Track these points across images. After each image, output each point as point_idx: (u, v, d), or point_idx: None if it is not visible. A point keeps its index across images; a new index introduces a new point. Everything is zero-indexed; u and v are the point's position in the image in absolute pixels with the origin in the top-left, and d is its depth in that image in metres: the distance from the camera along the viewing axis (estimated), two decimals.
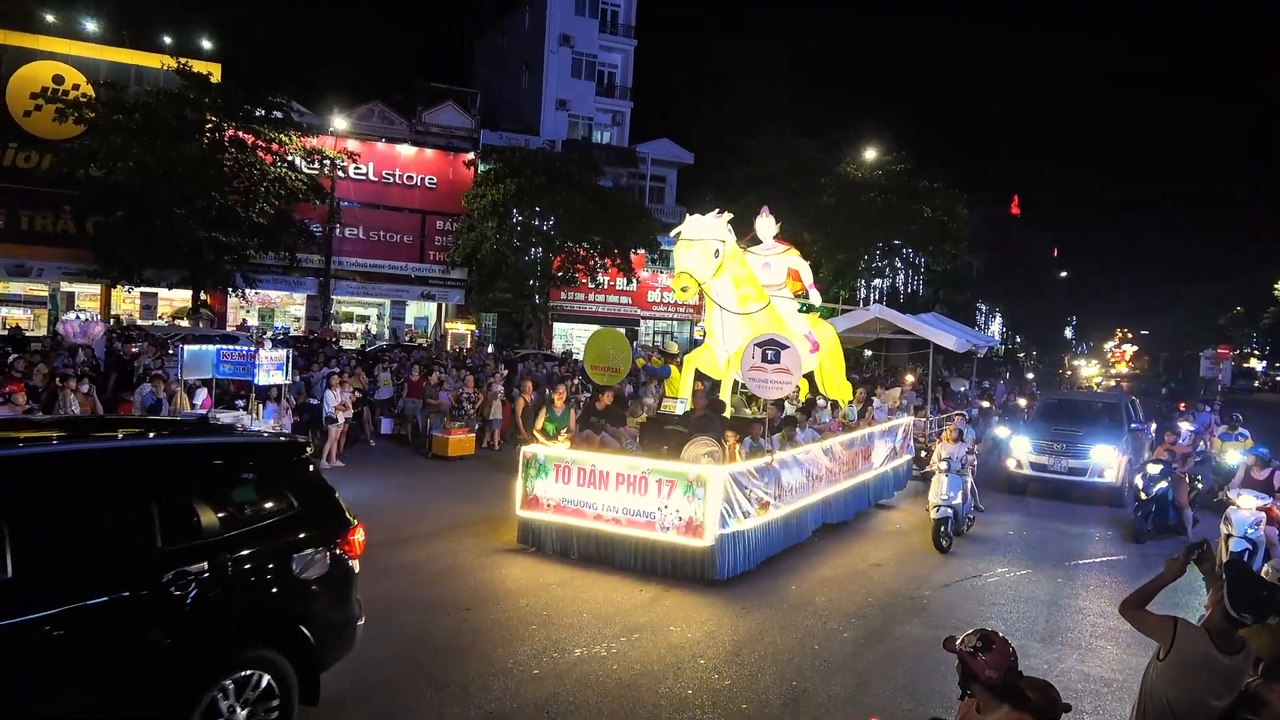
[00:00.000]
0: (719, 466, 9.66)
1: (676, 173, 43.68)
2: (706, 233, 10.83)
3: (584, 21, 41.66)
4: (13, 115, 30.39)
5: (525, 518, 10.44)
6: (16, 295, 32.31)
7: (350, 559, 5.73)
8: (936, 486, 11.66)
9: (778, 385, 10.49)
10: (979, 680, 3.59)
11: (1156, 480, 12.64)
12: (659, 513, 9.54)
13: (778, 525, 10.63)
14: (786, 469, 10.84)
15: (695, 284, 10.79)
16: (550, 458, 10.33)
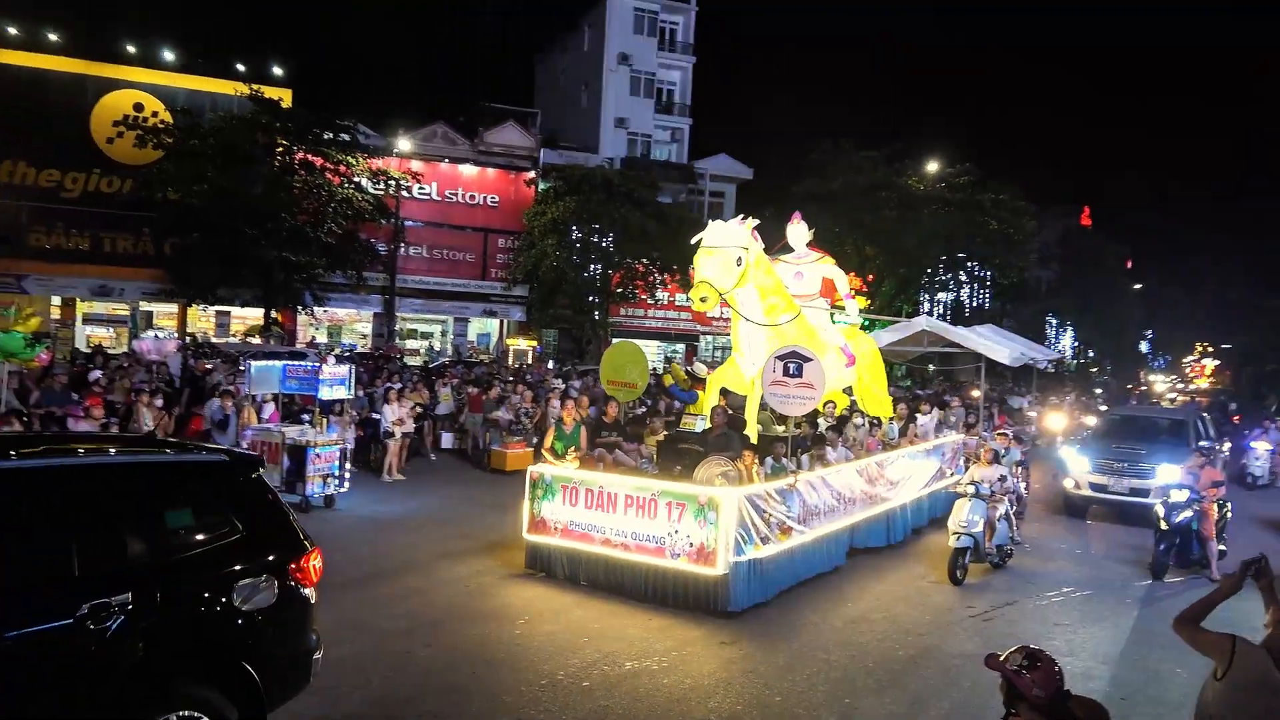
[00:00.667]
0: (733, 489, 8.97)
1: (735, 188, 43.63)
2: (728, 240, 10.28)
3: (642, 40, 42.00)
4: (96, 142, 31.82)
5: (533, 542, 9.93)
6: (100, 314, 33.71)
7: (304, 587, 5.22)
8: (957, 512, 10.73)
9: (800, 401, 9.79)
10: (1025, 699, 3.49)
11: (1180, 509, 11.24)
12: (669, 538, 8.91)
13: (802, 552, 10.02)
14: (813, 490, 10.22)
15: (715, 295, 10.19)
16: (557, 478, 9.74)
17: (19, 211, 31.15)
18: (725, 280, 10.20)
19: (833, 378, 11.99)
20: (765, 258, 10.92)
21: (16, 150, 30.99)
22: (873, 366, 13.73)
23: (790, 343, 10.56)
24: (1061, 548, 13.08)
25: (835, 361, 12.01)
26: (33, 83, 31.16)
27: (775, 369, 9.84)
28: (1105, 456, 15.34)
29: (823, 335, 12.09)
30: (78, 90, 31.85)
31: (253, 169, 27.92)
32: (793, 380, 9.72)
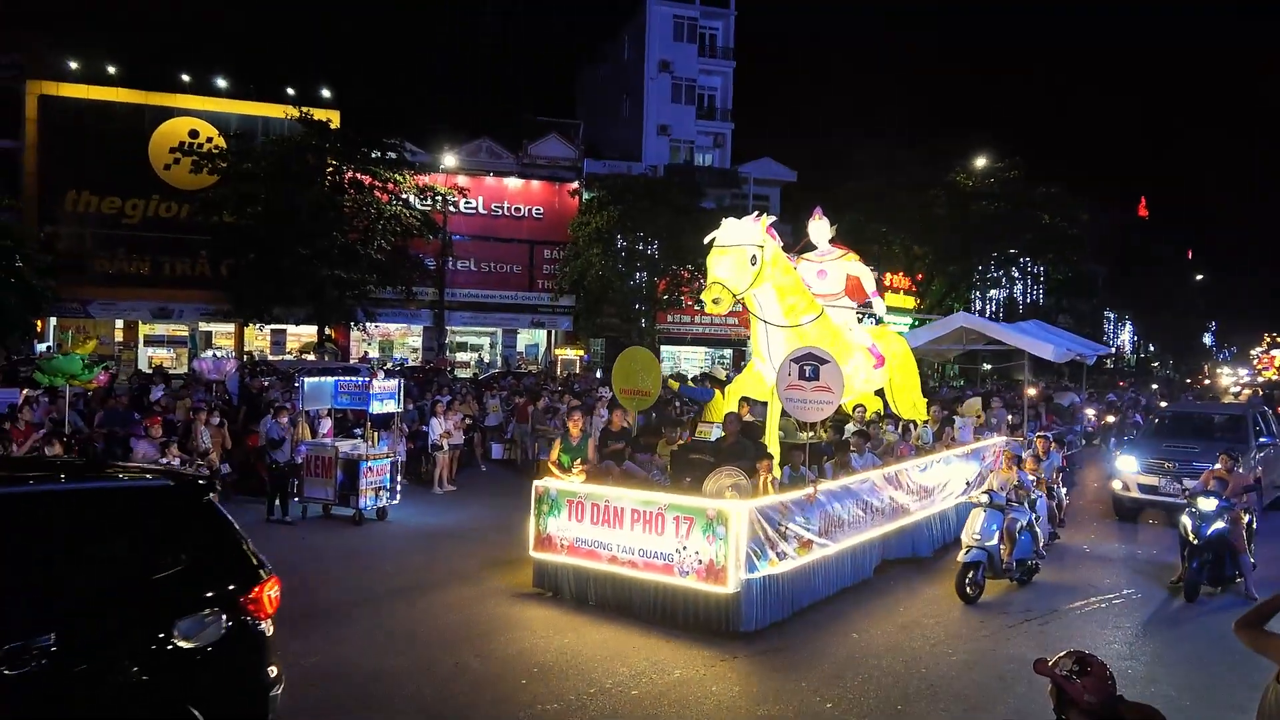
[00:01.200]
0: (743, 501, 8.37)
1: (779, 191, 43.44)
2: (742, 238, 9.75)
3: (682, 47, 42.06)
4: (155, 169, 32.83)
5: (540, 560, 9.45)
6: (161, 336, 34.72)
7: (258, 620, 4.79)
8: (970, 523, 9.83)
9: (818, 406, 9.18)
10: (1077, 706, 3.41)
11: (1211, 519, 9.97)
12: (677, 554, 8.40)
13: (823, 567, 9.44)
14: (836, 501, 9.63)
15: (729, 296, 9.62)
16: (563, 493, 9.24)
17: (84, 238, 32.26)
18: (740, 280, 9.71)
19: (861, 380, 11.64)
20: (783, 255, 10.38)
21: (80, 179, 32.13)
22: (904, 367, 13.16)
23: (812, 344, 10.05)
24: (1101, 555, 12.19)
25: (863, 363, 11.60)
26: (94, 114, 32.29)
27: (791, 372, 9.32)
28: (1155, 456, 14.49)
29: (848, 335, 11.57)
30: (136, 119, 32.90)
31: (304, 190, 28.54)
32: (809, 384, 9.17)
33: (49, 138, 32.07)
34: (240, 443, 15.13)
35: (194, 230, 31.36)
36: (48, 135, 32.07)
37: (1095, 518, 14.84)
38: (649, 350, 12.87)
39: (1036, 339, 15.96)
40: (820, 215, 12.37)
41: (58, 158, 31.91)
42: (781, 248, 10.42)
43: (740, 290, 9.75)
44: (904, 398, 13.09)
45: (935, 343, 17.17)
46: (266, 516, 13.07)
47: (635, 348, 13.19)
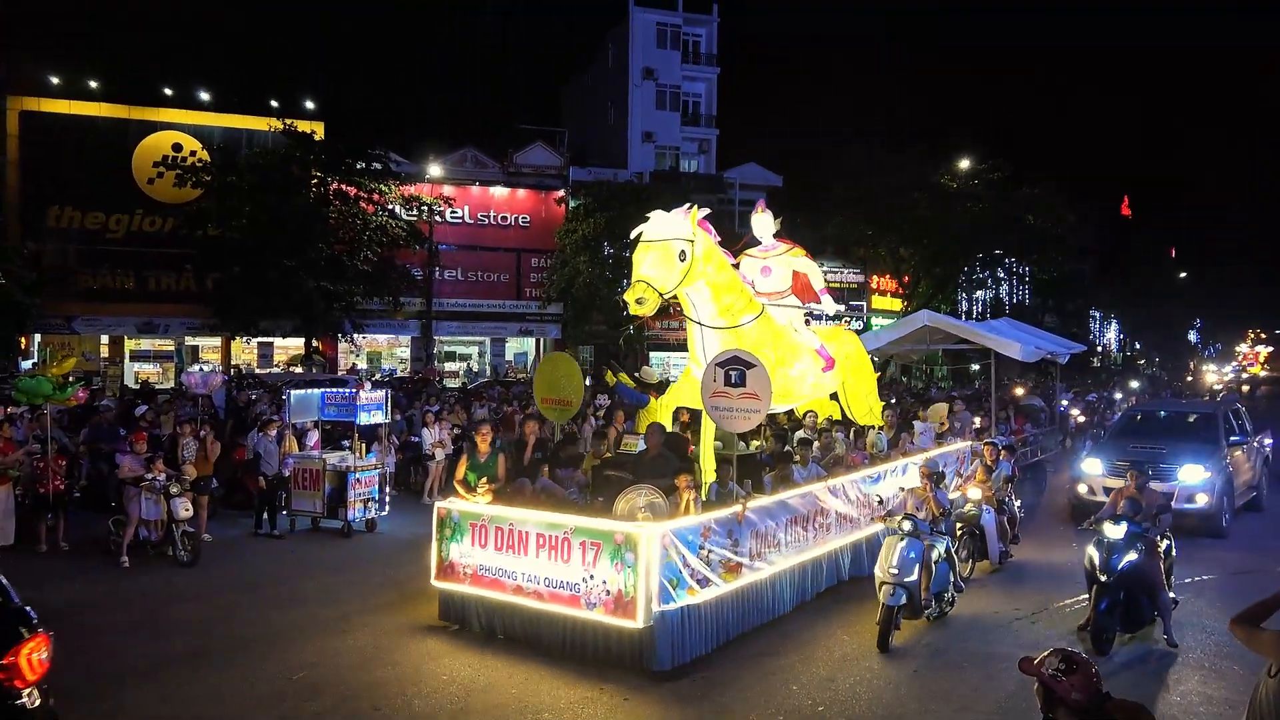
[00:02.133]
0: (656, 523, 7.48)
1: (765, 196, 43.55)
2: (669, 232, 8.91)
3: (666, 54, 42.19)
4: (138, 183, 32.66)
5: (444, 590, 8.62)
6: (146, 350, 34.50)
7: (17, 688, 4.14)
8: (885, 555, 8.39)
9: (744, 415, 8.31)
10: (1064, 704, 3.42)
11: (1122, 550, 8.14)
12: (584, 584, 7.55)
13: (757, 592, 8.60)
14: (771, 518, 8.77)
15: (655, 295, 8.71)
16: (466, 515, 8.39)
17: (67, 254, 32.05)
18: (667, 278, 8.81)
19: (809, 384, 11.01)
20: (718, 251, 9.60)
21: (63, 195, 31.93)
22: (858, 369, 12.36)
23: (751, 346, 9.33)
24: (1055, 573, 10.83)
25: (811, 365, 10.86)
26: (76, 129, 32.11)
27: (716, 377, 8.39)
28: (1121, 457, 13.59)
29: (794, 337, 10.86)
30: (118, 134, 32.74)
31: (289, 202, 28.44)
32: (735, 390, 8.26)
33: (31, 153, 31.85)
34: (227, 456, 15.03)
35: (179, 244, 31.17)
36: (29, 151, 31.85)
37: (1051, 525, 14.10)
38: (571, 357, 12.08)
39: (1004, 337, 15.14)
40: (764, 208, 11.53)
41: (40, 173, 31.69)
42: (719, 243, 9.68)
43: (668, 289, 8.87)
44: (859, 402, 12.37)
45: (898, 343, 16.39)
46: (255, 530, 13.00)
47: (557, 354, 12.16)
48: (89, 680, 7.13)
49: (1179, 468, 13.15)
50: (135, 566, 10.87)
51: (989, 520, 10.55)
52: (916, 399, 20.87)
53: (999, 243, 39.27)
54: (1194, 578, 10.69)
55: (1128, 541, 8.19)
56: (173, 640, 8.26)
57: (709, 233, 9.42)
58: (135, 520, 11.09)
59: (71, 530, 11.88)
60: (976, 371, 33.54)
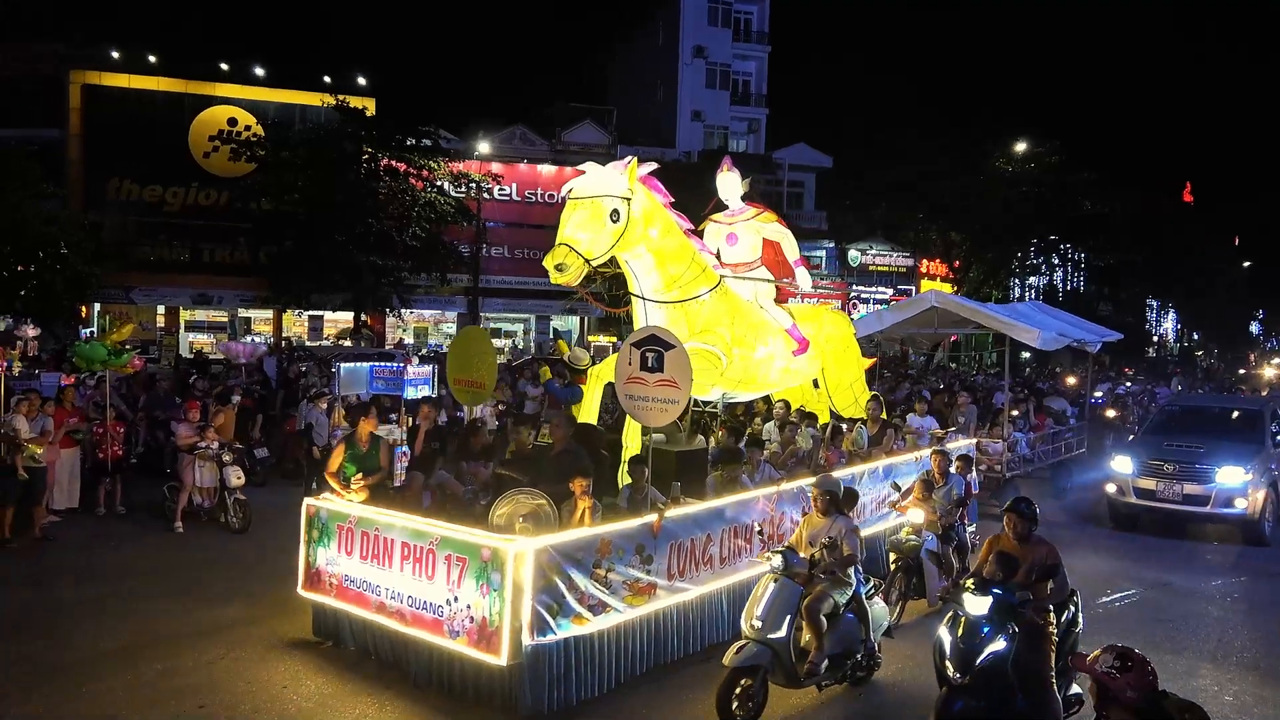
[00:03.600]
0: (530, 538, 6.20)
1: (815, 177, 43.06)
2: (600, 188, 7.69)
3: (717, 32, 41.79)
4: (194, 157, 33.28)
5: (313, 601, 7.51)
6: (201, 321, 35.30)
7: None
8: (752, 603, 6.31)
9: (661, 406, 6.93)
10: (1119, 702, 3.35)
11: (987, 636, 5.54)
12: (448, 607, 6.32)
13: (680, 617, 7.25)
14: (700, 529, 7.31)
15: (579, 262, 7.50)
16: (334, 516, 7.30)
17: (126, 226, 32.81)
18: (595, 241, 7.60)
19: (776, 370, 9.75)
20: (665, 212, 8.34)
21: (122, 168, 32.66)
22: (840, 353, 10.92)
23: (704, 325, 8.33)
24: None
25: (781, 348, 9.71)
26: (135, 103, 32.76)
27: (631, 360, 7.02)
28: (1155, 456, 12.67)
29: (759, 315, 9.60)
30: (176, 108, 33.35)
31: (340, 177, 28.77)
32: (652, 376, 6.93)
33: (92, 127, 32.60)
34: (278, 427, 15.34)
35: (233, 218, 31.84)
36: (90, 124, 32.60)
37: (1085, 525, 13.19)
38: (484, 331, 10.65)
39: (1021, 321, 13.52)
40: (730, 166, 10.00)
41: (100, 147, 32.44)
42: (671, 205, 8.47)
43: (596, 254, 7.65)
44: (842, 392, 10.96)
45: (902, 325, 14.96)
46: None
47: (471, 328, 10.56)
48: (131, 644, 7.35)
49: (1217, 469, 12.18)
50: (188, 531, 11.16)
51: (931, 544, 8.61)
52: (965, 387, 20.39)
53: (1054, 227, 38.42)
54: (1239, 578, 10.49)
55: (994, 619, 5.56)
56: (214, 606, 8.44)
57: (657, 191, 8.28)
58: (189, 486, 11.37)
59: (128, 495, 12.22)
60: (1028, 358, 32.87)
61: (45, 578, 9.16)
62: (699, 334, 8.55)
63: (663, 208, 8.35)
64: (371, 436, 8.33)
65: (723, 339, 8.60)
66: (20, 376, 13.32)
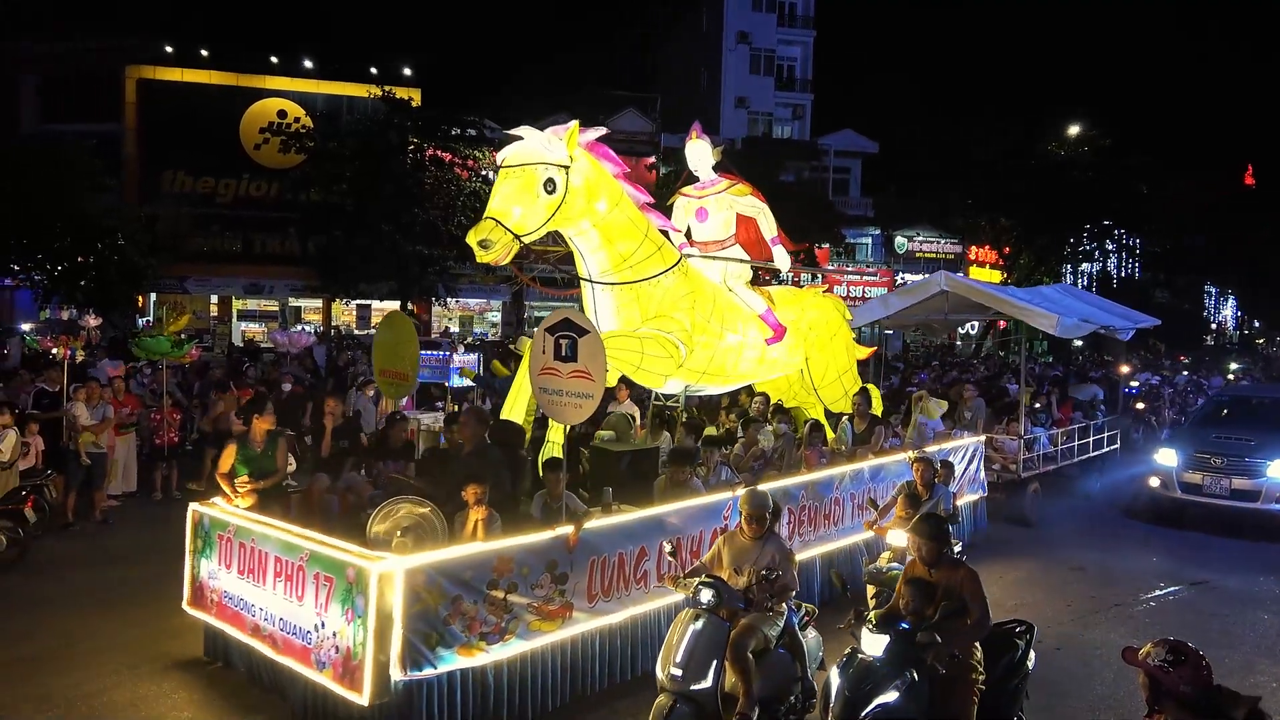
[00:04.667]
0: (406, 555, 5.31)
1: (860, 163, 42.53)
2: (535, 156, 6.88)
3: (762, 17, 41.41)
4: (245, 149, 33.91)
5: (201, 619, 6.71)
6: (253, 310, 36.05)
7: None
8: (668, 645, 5.17)
9: (575, 401, 6.06)
10: (1172, 697, 3.27)
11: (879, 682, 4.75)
12: (315, 634, 5.54)
13: (603, 643, 6.37)
14: (630, 543, 6.36)
15: (507, 238, 6.69)
16: (216, 524, 6.52)
17: (180, 217, 33.58)
18: (527, 216, 6.81)
19: (748, 360, 8.86)
20: (614, 184, 7.50)
21: (176, 160, 33.40)
22: (825, 341, 9.86)
23: (658, 309, 7.53)
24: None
25: (754, 337, 8.84)
26: (188, 96, 33.45)
27: (545, 347, 6.18)
28: (1202, 448, 12.07)
29: (728, 298, 8.72)
30: (227, 101, 33.97)
31: (387, 167, 29.09)
32: (566, 367, 6.06)
33: (146, 120, 33.35)
34: None
35: (283, 208, 32.42)
36: (145, 118, 33.36)
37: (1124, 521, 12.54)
38: (407, 318, 10.12)
39: (1038, 306, 12.45)
40: (700, 134, 9.01)
41: (155, 140, 33.19)
42: (625, 175, 7.65)
43: (528, 229, 6.85)
44: (829, 385, 9.95)
45: (910, 311, 13.83)
46: None
47: (394, 313, 10.22)
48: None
49: (1270, 463, 11.58)
50: None
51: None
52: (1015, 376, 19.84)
53: (1107, 212, 37.53)
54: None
55: (891, 662, 4.72)
56: None
57: (607, 160, 7.44)
58: None
59: (184, 480, 12.52)
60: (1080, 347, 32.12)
61: (104, 558, 9.43)
62: (653, 319, 7.72)
63: (612, 178, 7.49)
64: (269, 435, 7.39)
65: (681, 325, 7.76)
66: (82, 364, 13.72)
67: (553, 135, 7.00)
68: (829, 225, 34.65)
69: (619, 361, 7.30)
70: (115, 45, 33.43)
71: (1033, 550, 10.81)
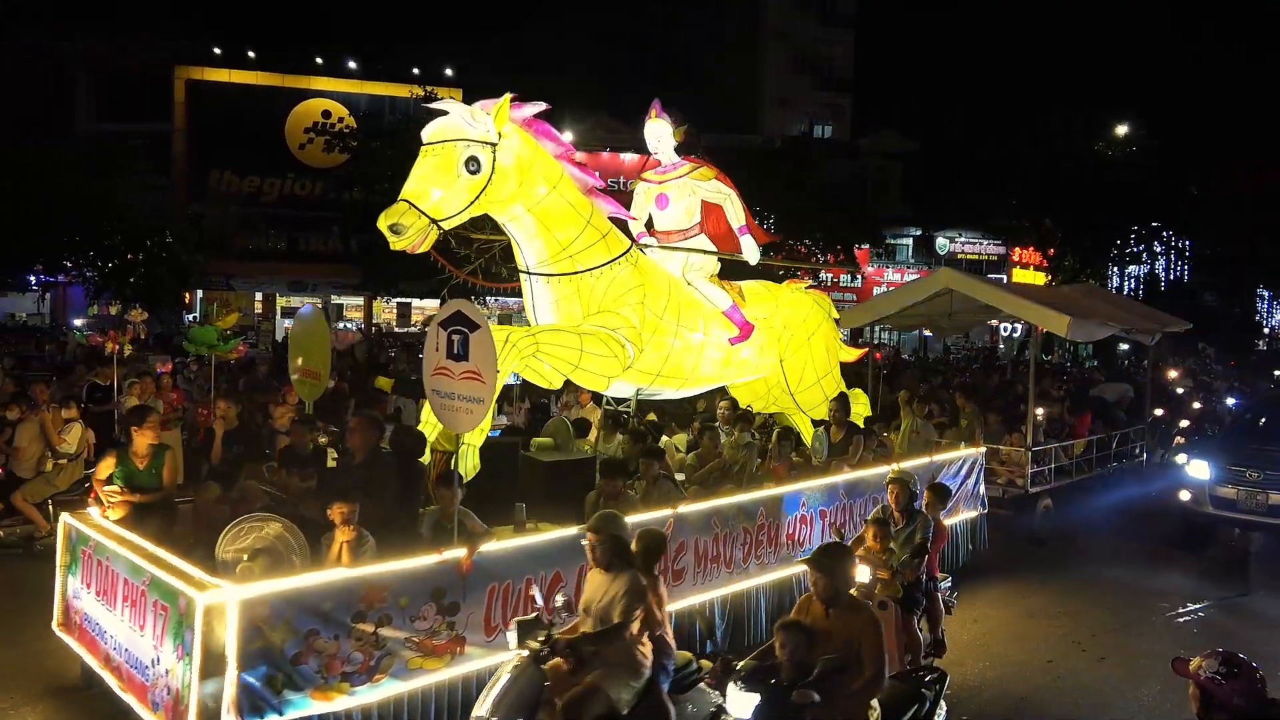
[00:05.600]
0: (241, 585, 4.51)
1: (901, 164, 42.15)
2: (458, 131, 6.11)
3: (802, 15, 41.22)
4: (290, 149, 34.47)
5: (67, 642, 6.04)
6: (296, 308, 36.58)
7: None
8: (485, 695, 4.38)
9: (466, 406, 5.33)
10: (1225, 710, 3.20)
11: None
12: (152, 669, 4.86)
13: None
14: (540, 568, 5.59)
15: (421, 223, 5.96)
16: (82, 537, 5.85)
17: (226, 216, 34.23)
18: (446, 199, 6.06)
19: (711, 362, 7.99)
20: (553, 163, 6.71)
21: (223, 160, 34.03)
22: (804, 342, 8.90)
23: (600, 304, 6.80)
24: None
25: (718, 335, 7.96)
26: (235, 96, 34.08)
27: (438, 344, 5.47)
28: (1237, 461, 11.00)
29: (687, 293, 7.86)
30: (272, 101, 34.56)
31: None
32: (458, 366, 5.34)
33: (195, 121, 34.03)
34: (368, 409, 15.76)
35: (326, 207, 32.88)
36: (194, 118, 34.04)
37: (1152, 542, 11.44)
38: (319, 315, 9.32)
39: (1051, 307, 11.22)
40: (660, 113, 8.03)
41: (203, 139, 33.85)
42: (569, 155, 6.89)
43: (447, 213, 6.10)
44: (806, 390, 9.01)
45: (911, 311, 12.77)
46: None
47: (308, 309, 9.37)
48: None
49: None
50: None
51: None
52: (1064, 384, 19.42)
53: (1156, 213, 36.79)
54: None
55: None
56: None
57: (547, 139, 6.66)
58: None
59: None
60: (1125, 351, 31.49)
61: None
62: (596, 314, 6.98)
63: (551, 158, 6.70)
64: (153, 449, 6.65)
65: (627, 321, 6.98)
66: (130, 359, 14.02)
67: (479, 109, 6.23)
68: (868, 226, 34.39)
69: (553, 360, 6.76)
70: (165, 46, 34.16)
71: (1044, 570, 9.99)
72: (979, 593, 8.91)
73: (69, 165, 24.08)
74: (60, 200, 23.47)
